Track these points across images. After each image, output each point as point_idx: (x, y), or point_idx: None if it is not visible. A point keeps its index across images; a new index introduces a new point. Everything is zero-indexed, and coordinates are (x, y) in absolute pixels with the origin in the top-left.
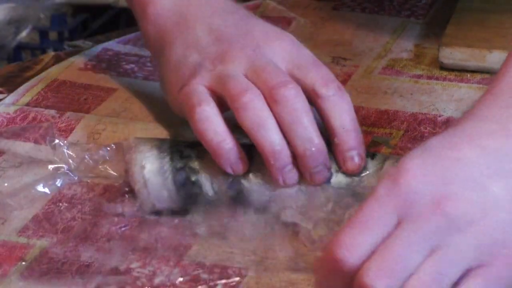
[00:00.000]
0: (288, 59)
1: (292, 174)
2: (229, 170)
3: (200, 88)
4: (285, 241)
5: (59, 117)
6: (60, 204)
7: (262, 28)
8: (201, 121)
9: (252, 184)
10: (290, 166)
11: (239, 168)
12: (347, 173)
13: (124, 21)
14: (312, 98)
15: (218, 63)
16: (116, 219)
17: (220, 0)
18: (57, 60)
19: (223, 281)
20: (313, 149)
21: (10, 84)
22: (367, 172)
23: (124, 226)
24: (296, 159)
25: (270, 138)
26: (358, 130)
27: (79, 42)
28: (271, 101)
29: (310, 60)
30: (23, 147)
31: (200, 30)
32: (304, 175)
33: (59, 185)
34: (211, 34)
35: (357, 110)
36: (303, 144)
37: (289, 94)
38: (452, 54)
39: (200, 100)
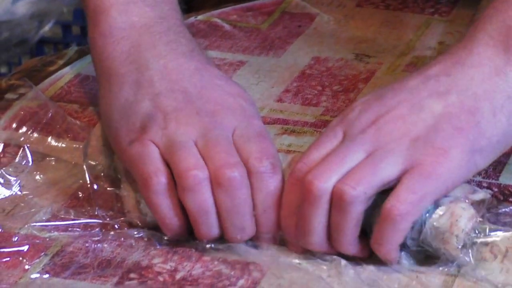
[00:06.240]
0: (236, 129)
1: None
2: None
3: (152, 150)
4: None
5: (81, 111)
6: (83, 199)
7: (219, 92)
8: (156, 194)
9: None
10: None
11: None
12: None
13: None
14: (248, 170)
15: (171, 120)
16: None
17: (178, 36)
18: (81, 54)
19: (245, 276)
20: (243, 237)
21: (33, 78)
22: None
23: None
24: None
25: (209, 225)
26: (276, 212)
27: None
28: (215, 182)
29: (256, 131)
30: (45, 142)
31: (154, 71)
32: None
33: (81, 180)
34: (165, 78)
35: None
36: (235, 232)
37: (234, 178)
38: None
39: (155, 170)
